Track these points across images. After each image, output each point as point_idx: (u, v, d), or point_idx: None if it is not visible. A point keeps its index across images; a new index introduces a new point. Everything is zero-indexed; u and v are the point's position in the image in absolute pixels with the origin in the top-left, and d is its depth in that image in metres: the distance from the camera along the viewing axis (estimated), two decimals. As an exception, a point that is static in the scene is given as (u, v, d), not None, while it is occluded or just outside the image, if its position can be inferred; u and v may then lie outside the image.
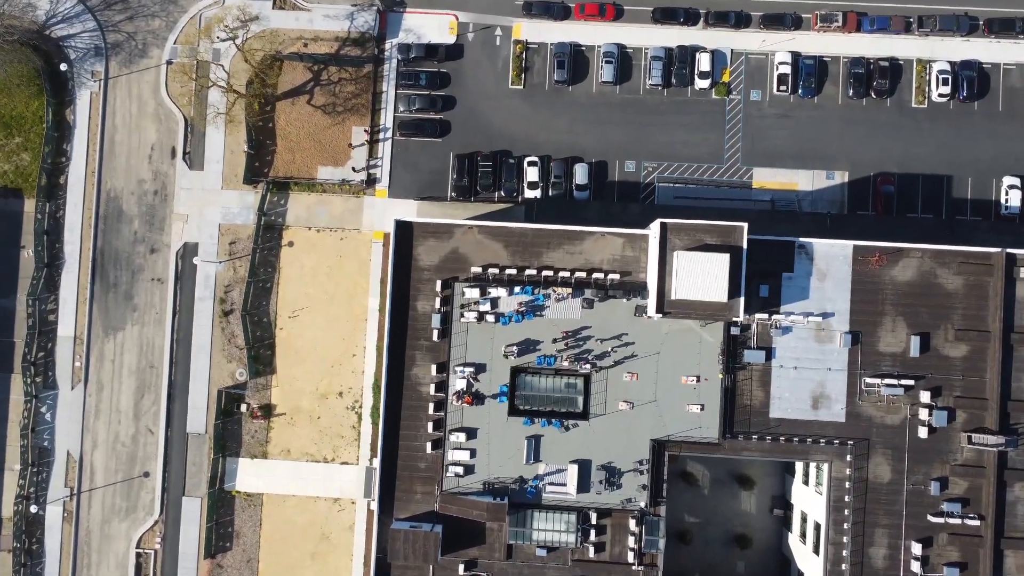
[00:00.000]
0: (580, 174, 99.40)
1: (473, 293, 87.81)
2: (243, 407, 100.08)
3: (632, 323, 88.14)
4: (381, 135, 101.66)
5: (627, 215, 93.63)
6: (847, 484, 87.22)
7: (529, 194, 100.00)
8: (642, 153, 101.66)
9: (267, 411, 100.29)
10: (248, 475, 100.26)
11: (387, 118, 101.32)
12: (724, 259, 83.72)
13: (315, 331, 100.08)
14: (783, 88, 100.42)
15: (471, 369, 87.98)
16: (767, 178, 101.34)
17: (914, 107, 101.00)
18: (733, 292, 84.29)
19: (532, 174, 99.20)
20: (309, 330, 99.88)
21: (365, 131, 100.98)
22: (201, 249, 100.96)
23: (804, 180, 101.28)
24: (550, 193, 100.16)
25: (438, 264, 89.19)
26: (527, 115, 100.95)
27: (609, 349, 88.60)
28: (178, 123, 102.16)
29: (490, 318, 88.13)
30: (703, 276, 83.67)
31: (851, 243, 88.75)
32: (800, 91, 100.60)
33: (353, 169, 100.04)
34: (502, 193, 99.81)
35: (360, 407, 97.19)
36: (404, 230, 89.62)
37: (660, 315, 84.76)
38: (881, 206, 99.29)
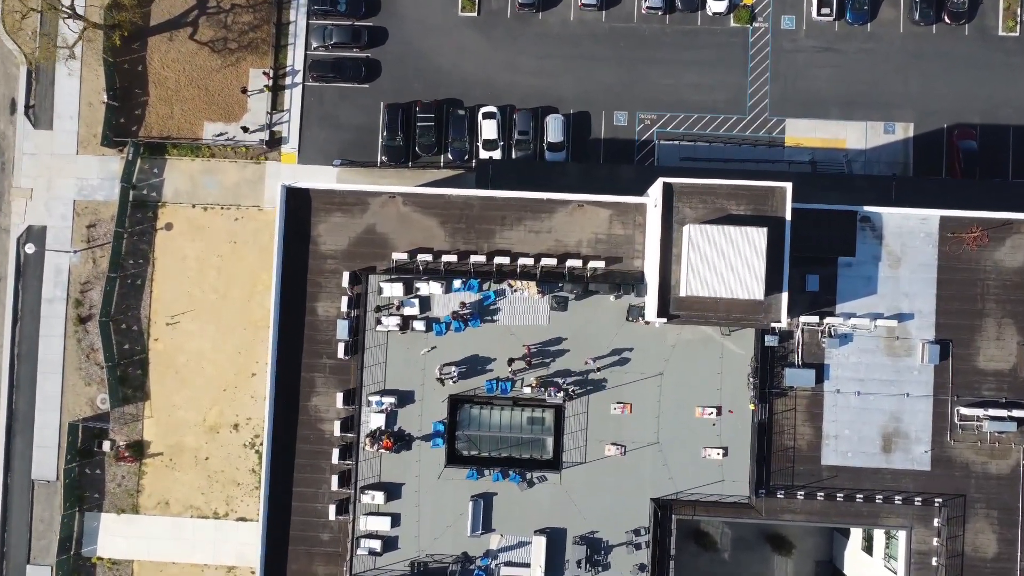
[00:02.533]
0: (554, 129, 65.25)
1: (395, 290, 54.97)
2: (106, 445, 69.27)
3: (623, 331, 56.49)
4: (288, 80, 68.83)
5: (617, 181, 60.01)
6: (934, 560, 53.50)
7: (485, 155, 64.90)
8: (637, 101, 69.03)
9: (138, 451, 69.11)
10: (113, 536, 70.23)
11: (295, 57, 69.00)
12: (759, 235, 49.01)
13: (202, 343, 67.77)
14: (825, 11, 67.02)
15: (392, 400, 54.10)
16: (804, 132, 67.72)
17: (1002, 35, 66.84)
18: (772, 285, 49.51)
19: (489, 130, 65.22)
20: (194, 341, 68.30)
21: (266, 74, 67.87)
22: (50, 234, 70.15)
23: (854, 135, 67.87)
24: (513, 155, 65.39)
25: (347, 249, 56.49)
26: (482, 52, 68.60)
27: (591, 369, 55.79)
28: (18, 67, 68.12)
29: (419, 326, 56.00)
30: (727, 261, 49.34)
31: (937, 213, 53.59)
32: (848, 15, 67.77)
33: (244, 130, 68.04)
34: (449, 156, 66.56)
35: (262, 444, 62.91)
36: (297, 201, 55.73)
37: (663, 320, 50.30)
38: (959, 167, 64.07)
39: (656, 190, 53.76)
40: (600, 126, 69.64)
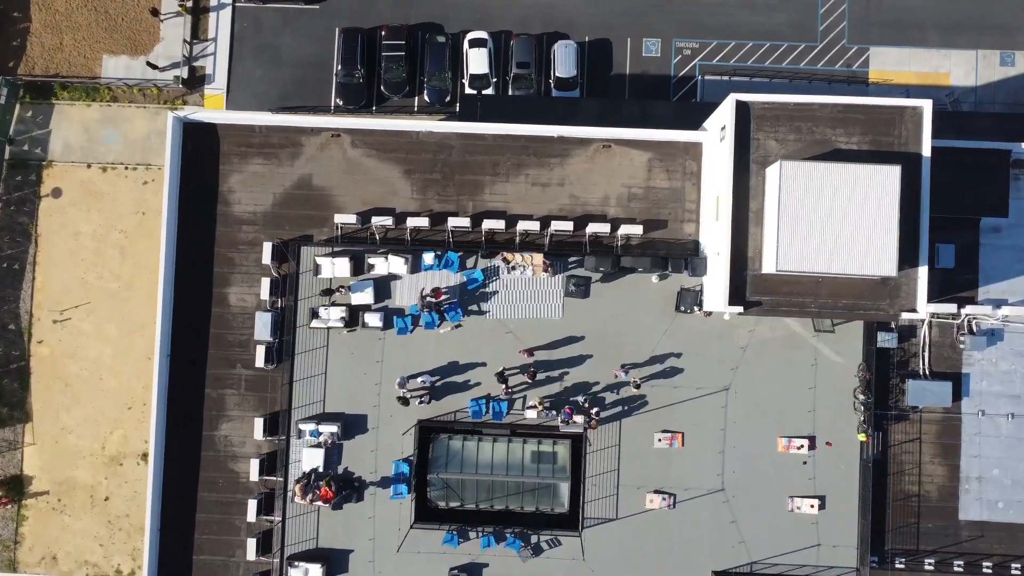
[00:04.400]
0: (563, 61, 43.55)
1: (339, 268, 35.54)
2: (-29, 482, 44.72)
3: (671, 327, 37.53)
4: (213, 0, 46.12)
5: (651, 122, 36.40)
6: None
7: (472, 93, 42.80)
8: (672, 25, 48.71)
9: (16, 489, 47.84)
10: (-18, 602, 46.18)
11: (223, -31, 46.36)
12: (890, 177, 26.87)
13: (100, 347, 48.39)
14: (922, -96, 44.75)
15: (334, 429, 32.46)
16: (894, 65, 47.61)
17: None
18: (906, 257, 26.83)
19: (478, 62, 43.74)
20: (90, 345, 49.07)
21: (183, -9, 46.06)
22: (-100, 204, 45.80)
23: (960, 67, 47.95)
24: (511, 92, 42.73)
25: (271, 211, 37.45)
26: (468, -43, 46.08)
27: (624, 382, 36.21)
28: None
29: (373, 320, 35.66)
30: (838, 219, 27.51)
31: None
32: (952, -91, 44.83)
33: (153, 66, 47.08)
34: (425, 98, 43.25)
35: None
36: (199, 142, 34.55)
37: (736, 310, 28.22)
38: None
39: (723, 115, 32.26)
40: (624, 57, 48.19)
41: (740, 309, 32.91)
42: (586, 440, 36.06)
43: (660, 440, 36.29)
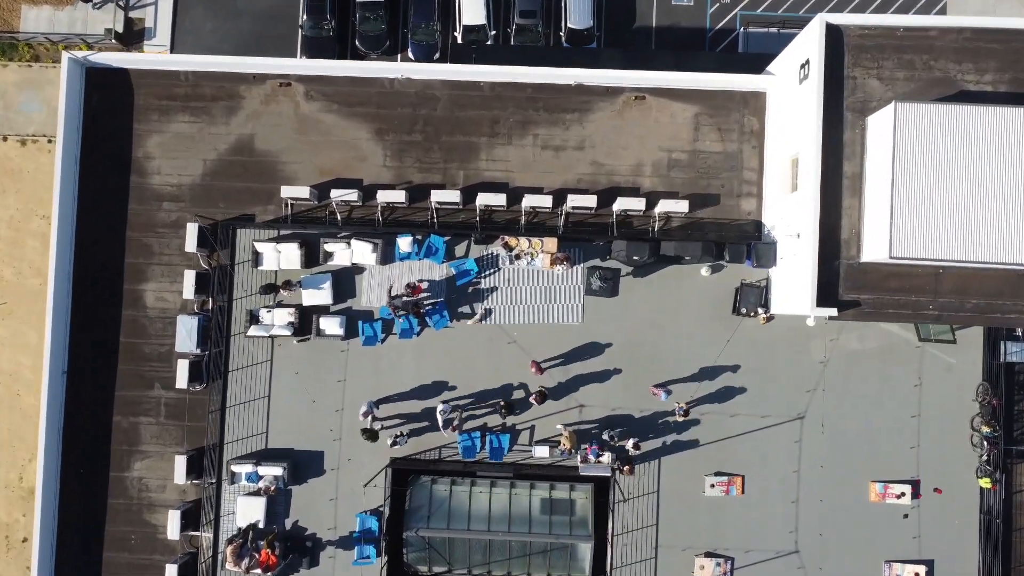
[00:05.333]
0: (578, 9, 32.06)
1: (287, 257, 26.74)
2: None
3: (727, 335, 25.87)
4: (153, -64, 36.24)
5: (683, 69, 25.15)
6: None
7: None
8: (708, -33, 35.30)
9: (-87, 528, 34.43)
10: None
11: (165, -101, 35.95)
12: None
13: (17, 355, 39.91)
14: None
15: (278, 470, 22.27)
16: (976, 12, 33.45)
17: None
18: None
19: (472, 10, 32.18)
20: (4, 353, 38.52)
21: (116, -74, 35.58)
22: None
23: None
24: (512, 43, 31.86)
25: (199, 183, 27.67)
26: None
27: (667, 409, 24.46)
28: None
29: (331, 326, 26.80)
30: (977, 185, 15.01)
31: None
32: None
33: (84, 17, 34.80)
34: (410, 55, 32.33)
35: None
36: (106, 90, 23.83)
37: (828, 312, 17.70)
38: None
39: (805, 46, 22.23)
40: (650, 7, 37.32)
41: (832, 312, 22.35)
42: (615, 486, 25.64)
43: (714, 486, 25.92)
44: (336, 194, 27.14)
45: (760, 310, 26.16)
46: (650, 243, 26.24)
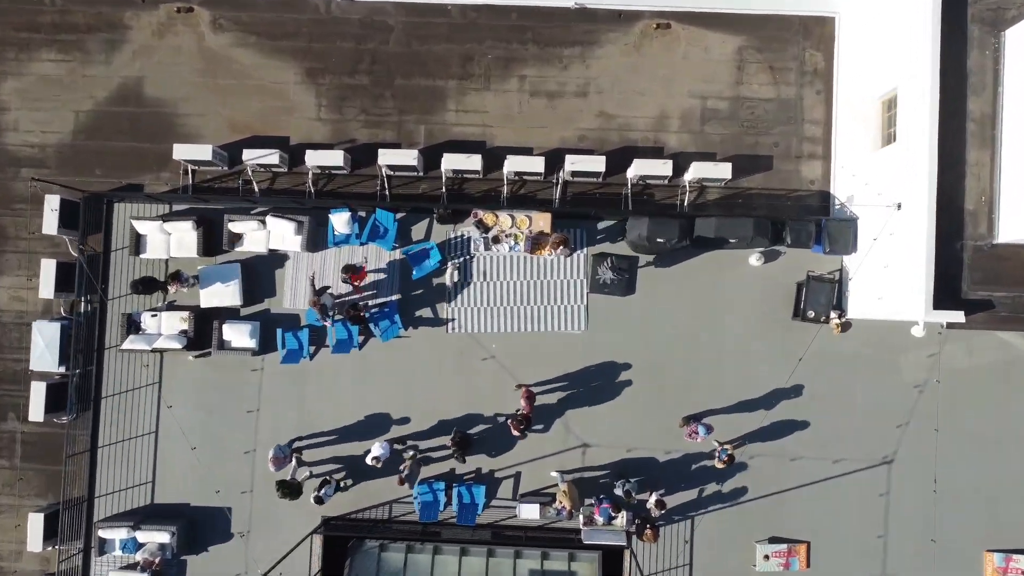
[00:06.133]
0: None
1: (179, 240, 18.96)
2: None
3: (784, 349, 19.38)
4: None
5: None
6: None
7: None
8: None
9: None
10: None
11: None
12: None
13: None
14: None
15: (165, 537, 15.06)
16: None
17: None
18: None
19: None
20: None
21: None
22: None
23: None
24: None
25: (68, 144, 21.41)
26: None
27: (706, 451, 18.68)
28: None
29: (239, 337, 19.54)
30: None
31: None
32: None
33: None
34: None
35: None
36: None
37: (949, 318, 12.18)
38: None
39: None
40: None
41: (956, 316, 14.13)
42: (631, 557, 17.39)
43: (768, 557, 17.74)
44: (250, 156, 18.98)
45: (833, 314, 17.99)
46: (680, 221, 18.02)
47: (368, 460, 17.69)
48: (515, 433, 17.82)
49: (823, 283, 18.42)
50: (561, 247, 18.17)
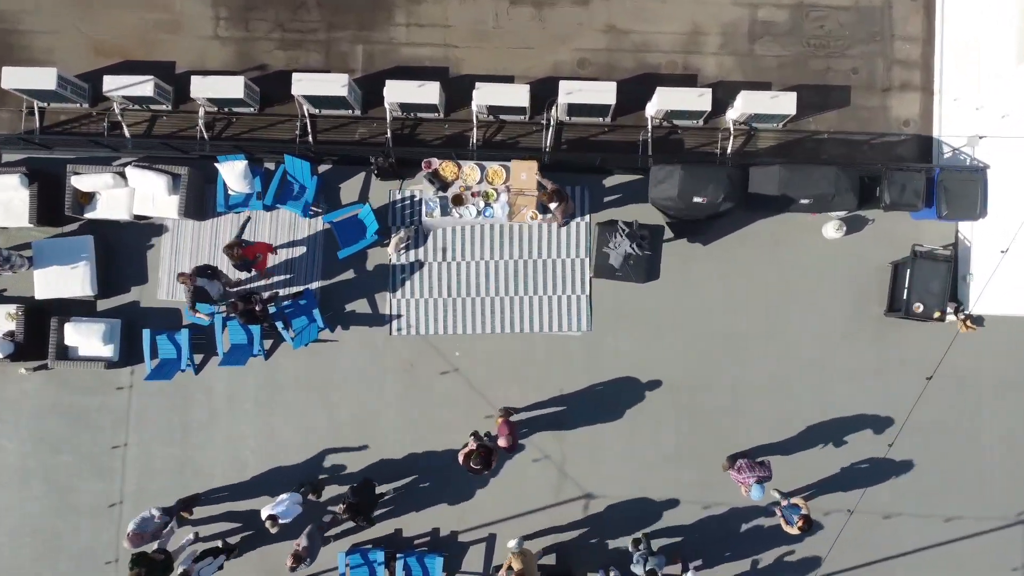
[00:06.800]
0: None
1: (3, 201, 11.03)
2: None
3: (874, 354, 13.35)
4: None
5: None
6: None
7: None
8: None
9: None
10: None
11: None
12: None
13: None
14: None
15: None
16: None
17: None
18: None
19: None
20: None
21: None
22: None
23: None
24: None
25: None
26: None
27: (763, 506, 12.82)
28: None
29: (89, 342, 13.66)
30: None
31: None
32: None
33: None
34: None
35: None
36: None
37: None
38: None
39: None
40: None
41: None
42: None
43: None
44: (115, 85, 12.70)
45: (950, 307, 11.60)
46: (729, 171, 11.68)
47: (263, 516, 11.37)
48: (472, 468, 11.57)
49: (937, 262, 12.12)
50: (556, 205, 11.88)
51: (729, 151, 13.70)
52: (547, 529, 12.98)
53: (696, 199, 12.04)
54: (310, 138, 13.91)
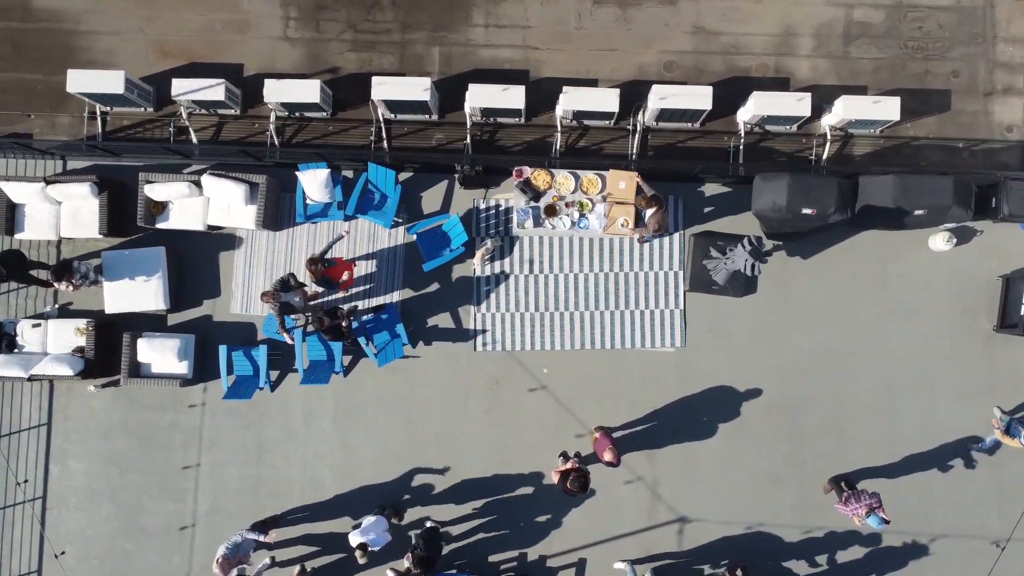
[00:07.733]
0: None
1: (70, 211, 13.48)
2: None
3: (1002, 374, 11.68)
4: None
5: None
6: None
7: None
8: None
9: None
10: None
11: None
12: None
13: None
14: None
15: None
16: None
17: None
18: None
19: None
20: None
21: None
22: None
23: None
24: None
25: None
26: None
27: (876, 535, 12.47)
28: None
29: (163, 358, 13.35)
30: None
31: None
32: None
33: None
34: None
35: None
36: None
37: None
38: None
39: None
40: None
41: None
42: None
43: None
44: (183, 89, 11.78)
45: None
46: (840, 181, 10.78)
47: (353, 544, 10.53)
48: (569, 490, 10.72)
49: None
50: (652, 212, 10.98)
51: (824, 158, 12.83)
52: (644, 557, 12.15)
53: (805, 210, 11.18)
54: (385, 144, 13.03)
